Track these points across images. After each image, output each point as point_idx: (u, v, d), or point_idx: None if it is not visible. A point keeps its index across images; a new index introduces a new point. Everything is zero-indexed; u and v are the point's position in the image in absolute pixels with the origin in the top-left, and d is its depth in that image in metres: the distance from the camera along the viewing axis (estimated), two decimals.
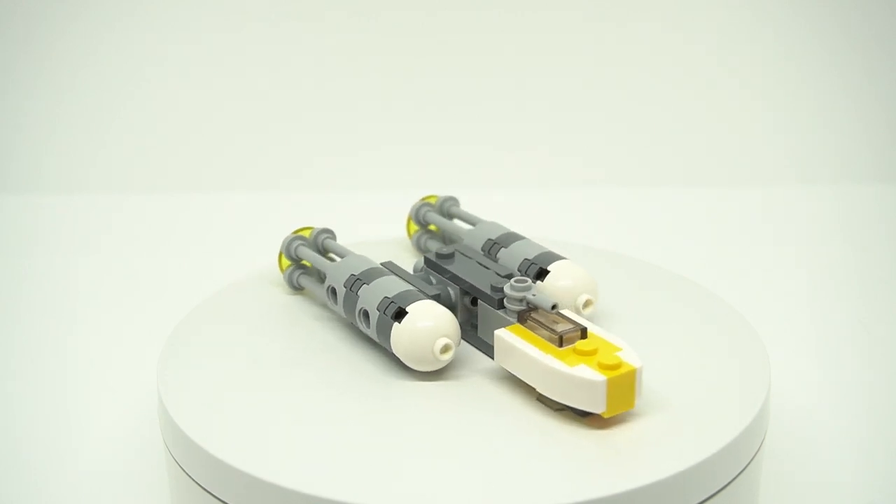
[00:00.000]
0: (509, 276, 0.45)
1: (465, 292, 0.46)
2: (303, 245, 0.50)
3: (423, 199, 0.54)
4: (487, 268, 0.46)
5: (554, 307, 0.42)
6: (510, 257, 0.47)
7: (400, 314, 0.43)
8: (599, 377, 0.38)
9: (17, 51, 0.81)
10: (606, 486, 0.37)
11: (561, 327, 0.40)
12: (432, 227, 0.54)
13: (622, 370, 0.39)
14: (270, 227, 0.76)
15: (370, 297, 0.44)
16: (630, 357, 0.39)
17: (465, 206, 0.79)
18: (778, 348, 0.51)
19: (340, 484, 0.37)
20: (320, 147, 0.83)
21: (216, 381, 0.44)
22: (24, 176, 0.81)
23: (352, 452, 0.39)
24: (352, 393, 0.43)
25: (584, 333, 0.40)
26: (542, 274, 0.46)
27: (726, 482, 0.40)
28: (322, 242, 0.50)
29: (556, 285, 0.45)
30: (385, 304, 0.44)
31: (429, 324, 0.43)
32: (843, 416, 0.54)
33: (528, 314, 0.42)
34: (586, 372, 0.39)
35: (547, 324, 0.41)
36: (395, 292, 0.44)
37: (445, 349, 0.43)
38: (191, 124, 0.83)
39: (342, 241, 0.52)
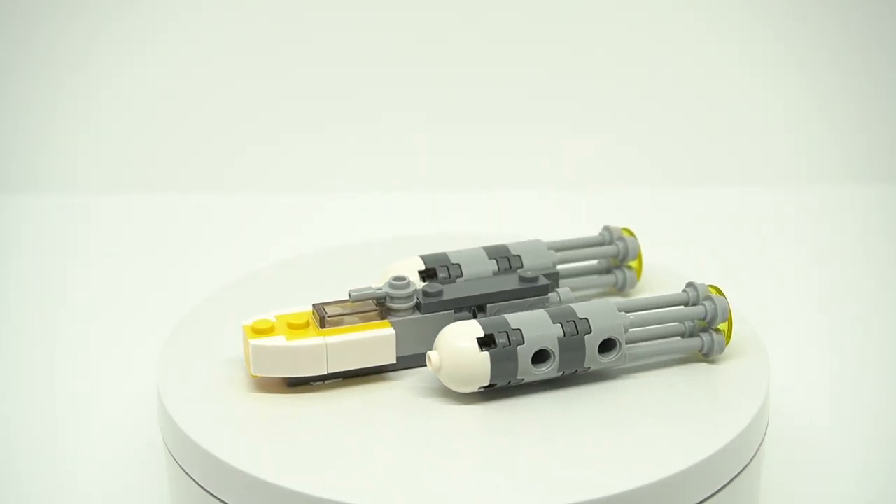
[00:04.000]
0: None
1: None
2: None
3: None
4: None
5: (325, 305, 0.43)
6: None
7: None
8: (245, 324, 0.42)
9: (16, 51, 0.81)
10: (606, 485, 0.37)
11: (327, 308, 0.43)
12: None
13: (251, 335, 0.42)
14: (270, 227, 0.77)
15: None
16: (275, 340, 0.41)
17: (466, 206, 0.79)
18: (778, 348, 0.51)
19: (340, 484, 0.37)
20: (322, 147, 0.83)
21: (216, 381, 0.44)
22: (22, 176, 0.81)
23: (352, 452, 0.39)
24: (352, 393, 0.43)
25: (322, 322, 0.42)
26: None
27: (726, 482, 0.40)
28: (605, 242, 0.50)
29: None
30: None
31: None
32: (843, 416, 0.54)
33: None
34: (253, 318, 0.43)
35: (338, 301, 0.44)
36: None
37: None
38: (191, 124, 0.83)
39: (341, 240, 0.52)
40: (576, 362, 0.42)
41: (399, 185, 0.81)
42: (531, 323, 0.42)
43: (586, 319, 0.42)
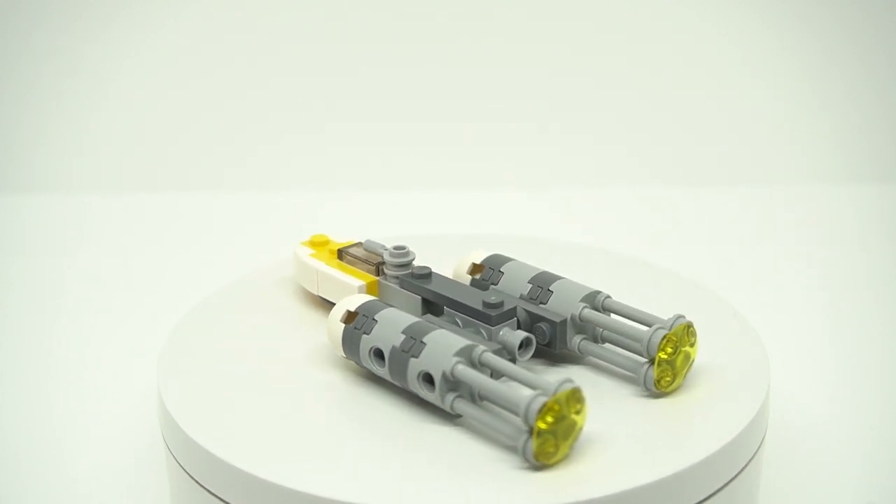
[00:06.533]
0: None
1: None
2: None
3: None
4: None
5: (359, 244, 0.50)
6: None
7: None
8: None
9: (14, 51, 0.81)
10: (606, 485, 0.37)
11: (354, 248, 0.49)
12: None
13: (303, 242, 0.51)
14: (269, 226, 0.77)
15: None
16: (303, 252, 0.50)
17: (466, 206, 0.79)
18: (778, 348, 0.51)
19: (340, 484, 0.37)
20: (322, 147, 0.83)
21: (216, 380, 0.44)
22: (22, 176, 0.81)
23: (352, 452, 0.39)
24: (352, 393, 0.43)
25: (340, 255, 0.49)
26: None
27: (726, 481, 0.40)
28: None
29: None
30: None
31: None
32: (843, 416, 0.54)
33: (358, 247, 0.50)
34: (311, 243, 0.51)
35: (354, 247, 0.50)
36: None
37: None
38: (192, 124, 0.83)
39: (344, 239, 0.52)
40: (401, 378, 0.41)
41: (397, 186, 0.81)
42: (390, 322, 0.42)
43: (424, 345, 0.41)
